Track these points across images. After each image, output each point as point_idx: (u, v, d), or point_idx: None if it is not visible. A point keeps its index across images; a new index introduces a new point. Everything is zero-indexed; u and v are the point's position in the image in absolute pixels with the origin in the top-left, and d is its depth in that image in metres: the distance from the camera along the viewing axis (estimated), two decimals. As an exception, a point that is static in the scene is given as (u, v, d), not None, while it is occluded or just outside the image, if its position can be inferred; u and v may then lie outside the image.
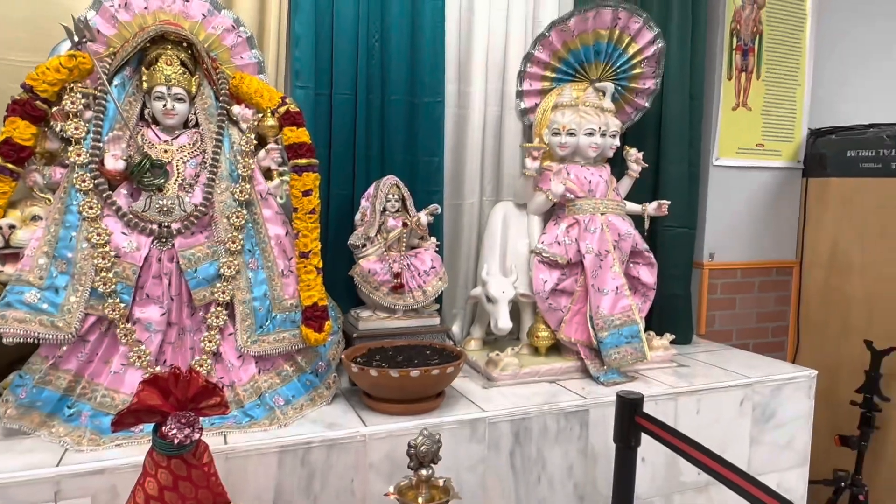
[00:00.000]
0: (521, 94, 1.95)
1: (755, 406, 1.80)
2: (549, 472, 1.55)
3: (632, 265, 1.87)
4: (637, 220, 1.92)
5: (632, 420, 1.34)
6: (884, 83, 2.62)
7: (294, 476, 1.30)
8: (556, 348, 1.83)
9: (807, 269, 2.43)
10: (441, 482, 1.26)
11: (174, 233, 1.34)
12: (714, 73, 2.22)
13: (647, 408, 1.36)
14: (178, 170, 1.39)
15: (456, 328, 1.98)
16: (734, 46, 2.25)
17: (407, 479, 1.26)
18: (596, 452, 1.60)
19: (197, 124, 1.44)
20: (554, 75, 1.91)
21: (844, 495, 2.17)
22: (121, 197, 1.33)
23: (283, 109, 1.44)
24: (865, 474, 2.15)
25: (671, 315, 2.12)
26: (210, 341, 1.37)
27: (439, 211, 1.80)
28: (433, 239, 1.79)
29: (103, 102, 1.34)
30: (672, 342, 1.94)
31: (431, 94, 1.86)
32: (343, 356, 1.49)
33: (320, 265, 1.44)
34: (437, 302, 1.79)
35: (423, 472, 1.23)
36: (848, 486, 2.15)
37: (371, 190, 1.74)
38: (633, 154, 1.90)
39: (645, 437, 1.34)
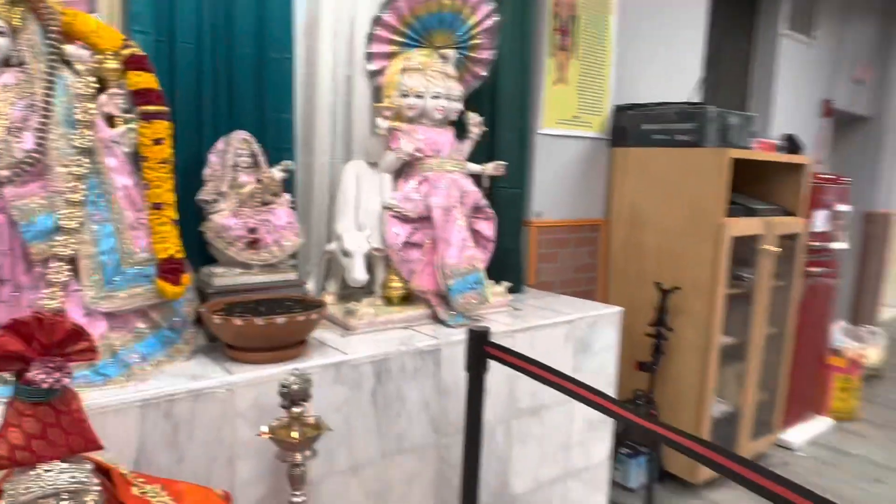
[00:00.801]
0: (370, 56, 2.02)
1: (576, 340, 2.10)
2: (407, 408, 1.68)
3: (473, 220, 2.05)
4: (476, 179, 2.10)
5: (481, 349, 1.52)
6: (671, 67, 3.10)
7: (157, 430, 1.27)
8: (409, 298, 1.96)
9: (612, 226, 2.84)
10: (312, 419, 1.33)
11: (3, 181, 1.22)
12: (540, 50, 2.47)
13: (494, 339, 1.55)
14: (2, 112, 1.25)
15: (311, 285, 2.01)
16: (555, 27, 2.53)
17: (279, 420, 1.31)
18: (448, 387, 1.76)
19: (22, 63, 1.30)
20: (402, 40, 2.01)
21: (642, 412, 2.62)
22: (-69, 140, 1.17)
23: (127, 52, 1.36)
24: (656, 392, 2.62)
25: (505, 267, 2.35)
26: (51, 299, 1.27)
27: (293, 167, 1.82)
28: (287, 195, 1.80)
29: None
30: (507, 290, 2.17)
31: (279, 50, 1.85)
32: (203, 309, 1.47)
33: (175, 217, 1.40)
34: (293, 258, 1.82)
35: (296, 409, 1.29)
36: (644, 403, 2.59)
37: (220, 145, 1.71)
38: (474, 119, 2.07)
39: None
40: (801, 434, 3.29)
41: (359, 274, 1.77)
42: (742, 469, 1.00)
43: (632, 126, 2.74)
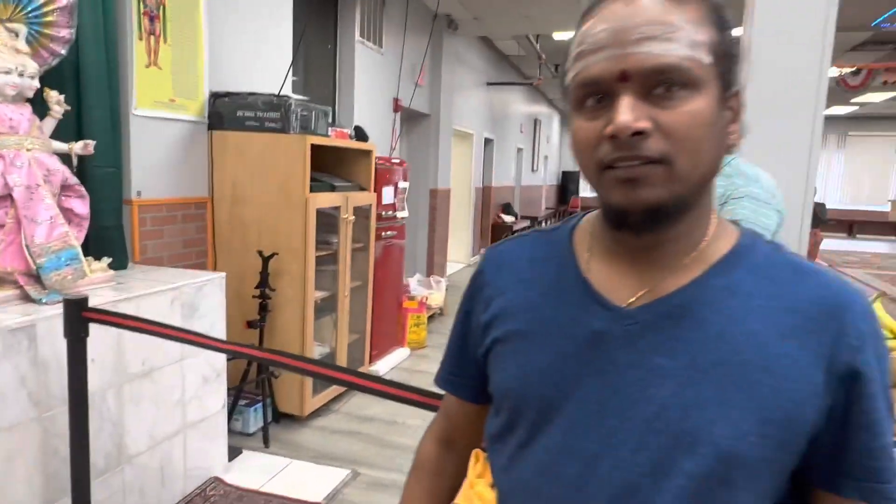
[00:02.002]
0: (-89, 20, 1.81)
1: (182, 304, 2.33)
2: (0, 388, 1.67)
3: (64, 198, 2.06)
4: (66, 157, 2.11)
5: (79, 315, 1.64)
6: (263, 59, 3.48)
7: None
8: (-9, 281, 1.88)
9: (217, 203, 3.11)
10: None
11: None
12: (126, 33, 2.54)
13: (93, 306, 1.68)
14: None
15: None
16: (142, 11, 2.62)
17: None
18: (47, 361, 1.80)
19: None
20: (-45, 7, 1.86)
21: (253, 365, 3.00)
22: None
23: None
24: (266, 344, 3.02)
25: (106, 244, 2.40)
26: None
27: None
28: None
29: None
30: (109, 266, 2.25)
31: None
32: None
33: None
34: None
35: None
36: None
37: None
38: (55, 97, 2.06)
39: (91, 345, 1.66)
40: (386, 363, 4.17)
41: (-79, 258, 1.64)
42: (348, 377, 1.38)
43: (228, 112, 3.03)
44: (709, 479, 0.55)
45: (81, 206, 2.11)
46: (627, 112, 0.53)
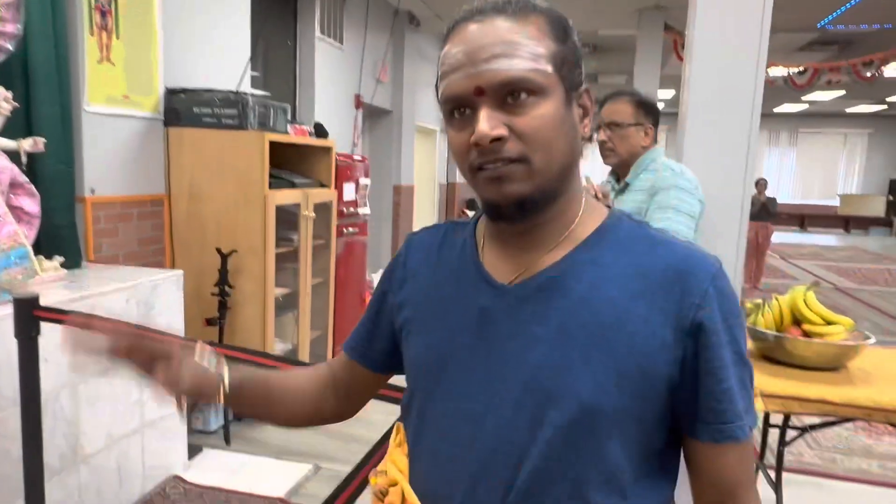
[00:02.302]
0: None
1: (139, 302, 2.31)
2: (-53, 388, 1.65)
3: (13, 196, 2.03)
4: (14, 155, 2.07)
5: (30, 314, 1.63)
6: (220, 54, 3.44)
7: None
8: (-64, 281, 1.85)
9: (174, 200, 3.08)
10: None
11: None
12: (76, 28, 2.50)
13: (44, 305, 1.67)
14: None
15: None
16: (93, 6, 2.58)
17: None
18: (-3, 362, 1.78)
19: None
20: None
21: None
22: None
23: None
24: (226, 341, 3.01)
25: (58, 243, 2.36)
26: None
27: None
28: None
29: None
30: (62, 265, 2.22)
31: None
32: None
33: None
34: None
35: None
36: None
37: None
38: (2, 93, 2.03)
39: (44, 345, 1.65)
40: (349, 359, 4.17)
41: None
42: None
43: (184, 108, 3.00)
44: (574, 429, 0.63)
45: (31, 205, 2.08)
46: (485, 122, 0.62)
